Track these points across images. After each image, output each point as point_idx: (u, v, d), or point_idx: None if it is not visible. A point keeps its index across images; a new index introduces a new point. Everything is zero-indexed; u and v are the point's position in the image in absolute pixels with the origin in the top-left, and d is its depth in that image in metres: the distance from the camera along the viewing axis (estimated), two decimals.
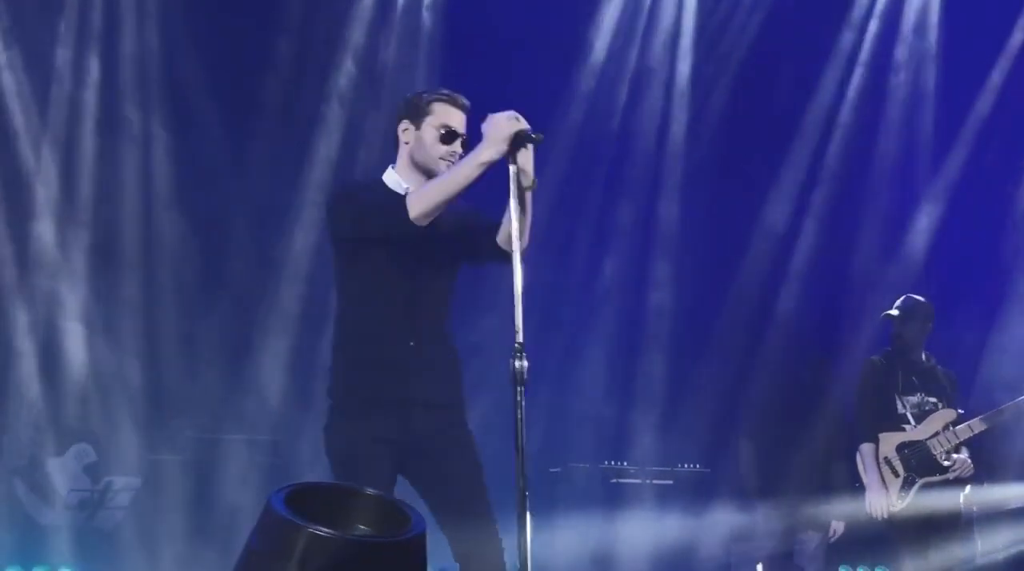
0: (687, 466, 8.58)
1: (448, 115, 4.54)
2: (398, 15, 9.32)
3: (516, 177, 4.08)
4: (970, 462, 7.20)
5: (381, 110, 8.84)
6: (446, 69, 9.03)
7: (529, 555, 3.73)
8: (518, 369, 3.83)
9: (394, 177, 4.59)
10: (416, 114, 4.56)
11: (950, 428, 7.21)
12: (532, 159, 4.14)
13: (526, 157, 4.12)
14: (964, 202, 9.31)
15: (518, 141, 4.11)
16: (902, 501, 7.19)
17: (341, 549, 2.77)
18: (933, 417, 7.25)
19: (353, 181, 4.90)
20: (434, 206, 4.28)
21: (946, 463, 7.17)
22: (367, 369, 4.49)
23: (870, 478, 7.21)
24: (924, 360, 7.40)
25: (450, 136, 4.51)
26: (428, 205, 4.27)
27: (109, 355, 8.51)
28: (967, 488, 7.26)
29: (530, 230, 4.31)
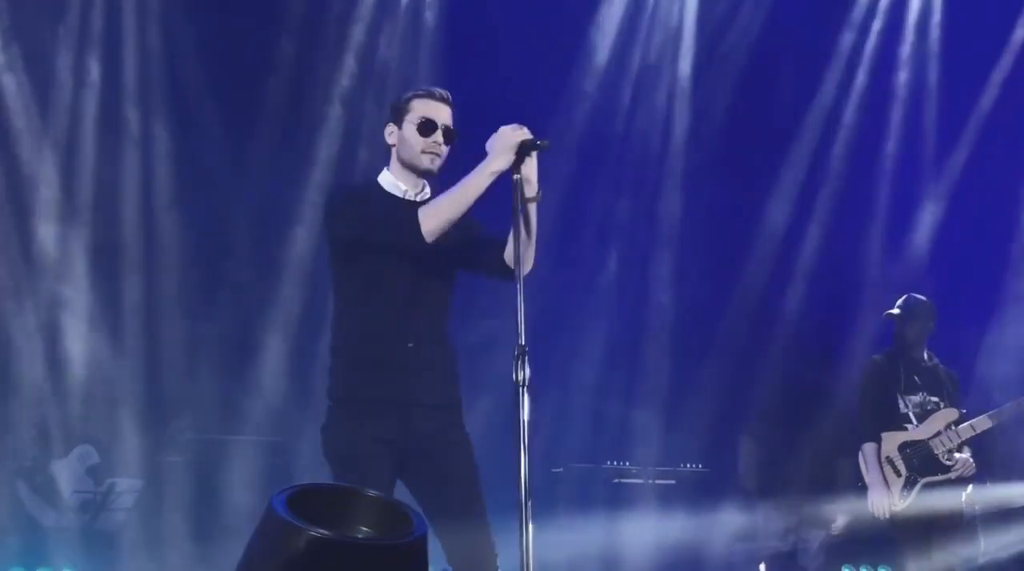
0: (689, 466, 8.58)
1: (426, 108, 4.57)
2: (400, 15, 9.31)
3: (520, 187, 4.13)
4: (972, 461, 7.19)
5: (383, 111, 8.82)
6: (448, 69, 9.03)
7: (531, 559, 3.73)
8: (521, 378, 3.87)
9: (389, 178, 4.63)
10: (398, 115, 4.62)
11: (952, 427, 7.20)
12: (536, 169, 4.20)
13: (530, 166, 4.19)
14: (967, 201, 9.31)
15: (524, 149, 4.17)
16: (904, 501, 7.17)
17: (342, 552, 2.77)
18: (935, 416, 7.24)
19: (350, 184, 4.91)
20: (446, 221, 4.31)
21: (948, 462, 7.16)
22: (366, 370, 4.49)
23: (872, 478, 7.20)
24: (926, 359, 7.39)
25: (428, 126, 4.53)
26: (440, 221, 4.31)
27: (111, 357, 8.52)
28: (969, 487, 7.25)
29: (535, 249, 4.38)
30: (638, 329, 9.35)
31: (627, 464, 8.58)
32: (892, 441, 7.23)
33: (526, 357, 3.89)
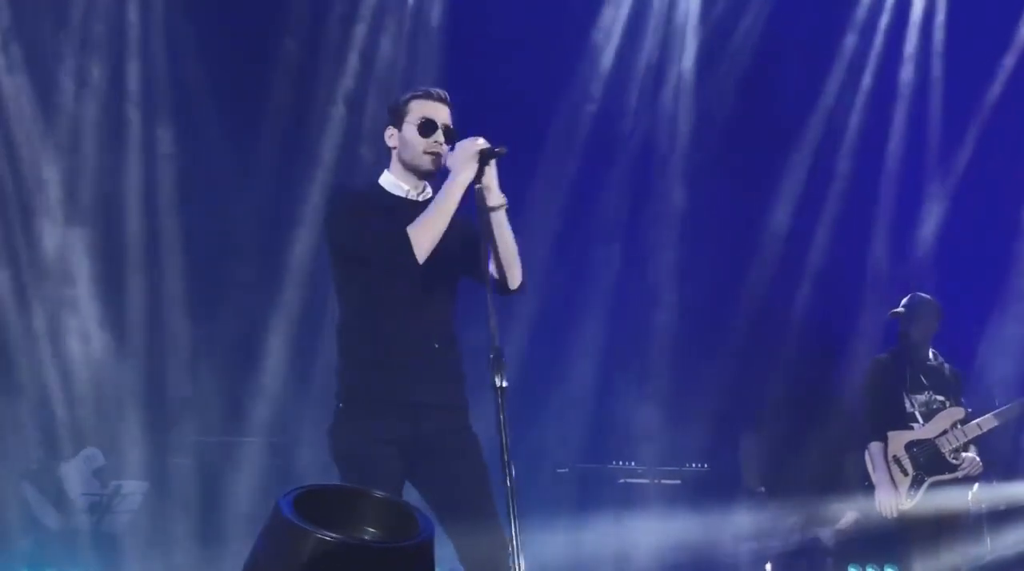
0: (695, 466, 8.57)
1: (424, 109, 4.58)
2: (404, 15, 9.30)
3: (482, 196, 4.31)
4: (979, 460, 7.18)
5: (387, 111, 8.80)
6: (452, 69, 9.02)
7: (520, 557, 3.78)
8: (497, 381, 3.97)
9: (390, 179, 4.64)
10: (397, 117, 4.63)
11: (958, 426, 7.18)
12: (495, 177, 4.34)
13: (490, 175, 4.34)
14: (970, 200, 9.29)
15: (483, 158, 4.31)
16: (911, 500, 7.16)
17: (349, 554, 2.77)
18: (941, 415, 7.22)
19: (350, 187, 4.89)
20: (431, 242, 4.38)
21: (955, 461, 7.15)
22: (373, 371, 4.49)
23: (879, 477, 7.18)
24: (931, 358, 7.38)
25: (428, 126, 4.55)
26: (429, 241, 4.37)
27: (117, 359, 8.52)
28: (975, 486, 7.25)
29: (516, 259, 4.47)
30: (643, 329, 9.34)
31: (632, 464, 8.57)
32: (898, 440, 7.22)
33: (501, 360, 3.98)
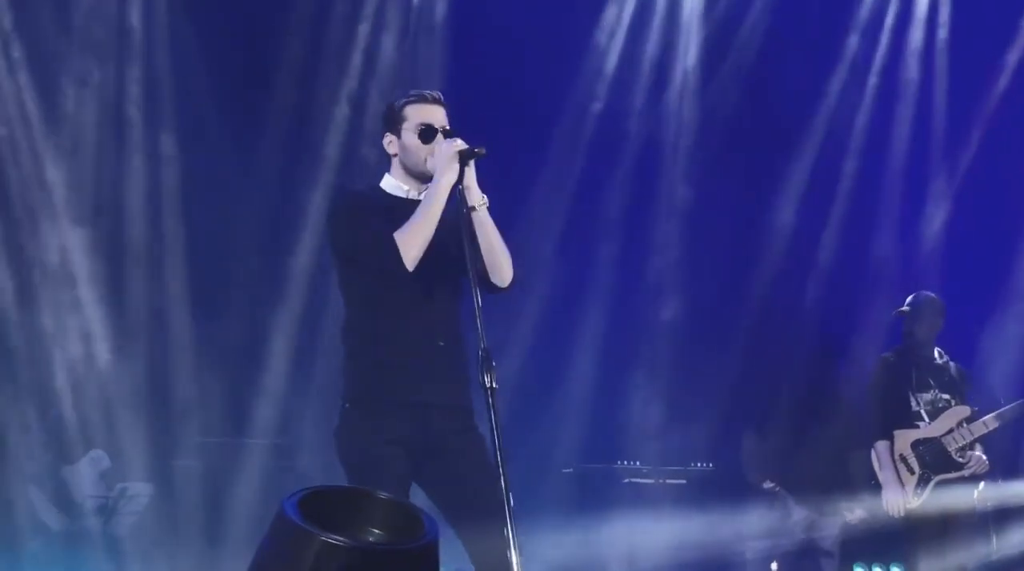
0: (700, 465, 8.57)
1: (421, 113, 4.57)
2: (408, 14, 9.28)
3: (463, 197, 4.34)
4: (985, 459, 7.17)
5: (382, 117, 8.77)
6: (456, 68, 9.00)
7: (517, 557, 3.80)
8: (487, 382, 3.97)
9: (392, 181, 4.65)
10: (393, 124, 4.61)
11: (964, 425, 7.18)
12: (475, 177, 4.38)
13: (470, 176, 4.37)
14: (975, 198, 9.26)
15: (463, 159, 4.34)
16: (918, 498, 7.16)
17: (353, 557, 2.76)
18: (947, 414, 7.22)
19: (351, 189, 4.90)
20: (422, 245, 4.39)
21: (961, 460, 7.14)
22: (379, 372, 4.49)
23: (886, 475, 7.18)
24: (937, 357, 7.37)
25: (428, 132, 4.54)
26: (417, 248, 4.38)
27: (121, 361, 8.52)
28: (981, 485, 7.24)
29: (507, 257, 4.49)
30: (648, 328, 9.33)
31: (637, 464, 8.56)
32: (905, 439, 7.22)
33: (490, 361, 3.98)
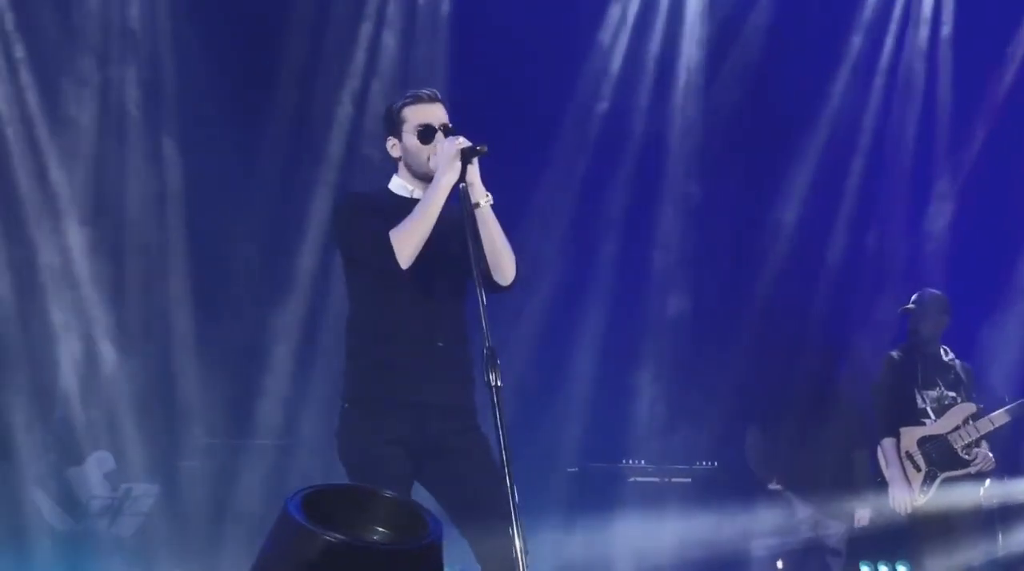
0: (705, 464, 8.56)
1: (419, 114, 4.56)
2: (413, 13, 9.28)
3: (467, 194, 4.33)
4: (991, 456, 7.17)
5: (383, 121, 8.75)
6: (460, 68, 8.99)
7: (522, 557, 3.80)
8: (492, 380, 3.97)
9: (398, 182, 4.65)
10: (394, 127, 4.61)
11: (970, 422, 7.18)
12: (478, 174, 4.37)
13: (474, 173, 4.36)
14: (980, 196, 9.25)
15: (465, 157, 4.33)
16: (924, 496, 7.16)
17: (356, 556, 2.76)
18: (953, 411, 7.22)
19: (357, 190, 4.92)
20: (417, 244, 4.38)
21: (967, 457, 7.14)
22: (379, 371, 4.50)
23: (892, 473, 7.18)
24: (942, 354, 7.37)
25: (427, 132, 4.53)
26: (412, 245, 4.37)
27: (126, 362, 8.52)
28: (988, 482, 7.23)
29: (510, 255, 4.49)
30: (651, 327, 9.32)
31: (642, 463, 8.56)
32: (911, 436, 7.22)
33: (495, 359, 3.98)
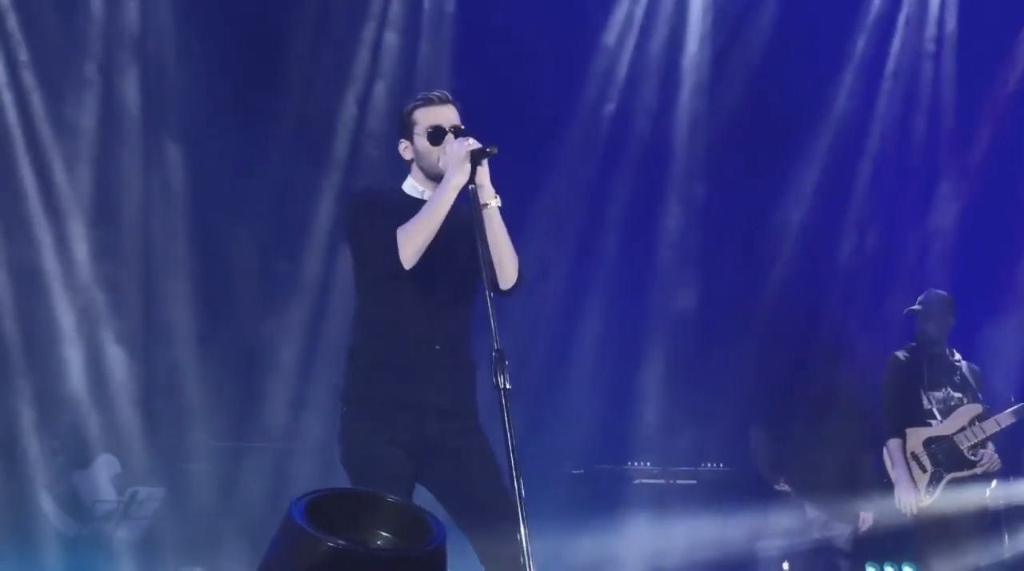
0: (711, 466, 8.55)
1: (430, 116, 4.57)
2: (420, 14, 9.28)
3: (476, 196, 4.32)
4: (997, 457, 7.16)
5: (398, 111, 8.74)
6: (465, 69, 8.99)
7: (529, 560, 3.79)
8: (500, 382, 3.95)
9: (411, 183, 4.65)
10: (406, 129, 4.62)
11: (976, 423, 7.16)
12: (488, 175, 4.37)
13: (483, 174, 4.36)
14: (986, 196, 9.23)
15: (475, 159, 4.33)
16: (930, 497, 7.15)
17: (360, 563, 2.75)
18: (959, 412, 7.20)
19: (373, 186, 4.92)
20: (421, 244, 4.38)
21: (973, 458, 7.12)
22: (379, 372, 4.49)
23: (898, 474, 7.16)
24: (948, 354, 7.36)
25: (437, 134, 4.54)
26: (416, 245, 4.37)
27: (131, 366, 8.52)
28: (994, 483, 7.22)
29: (514, 258, 4.47)
30: (656, 328, 9.31)
31: (648, 465, 8.55)
32: (917, 437, 7.20)
33: (503, 361, 3.96)
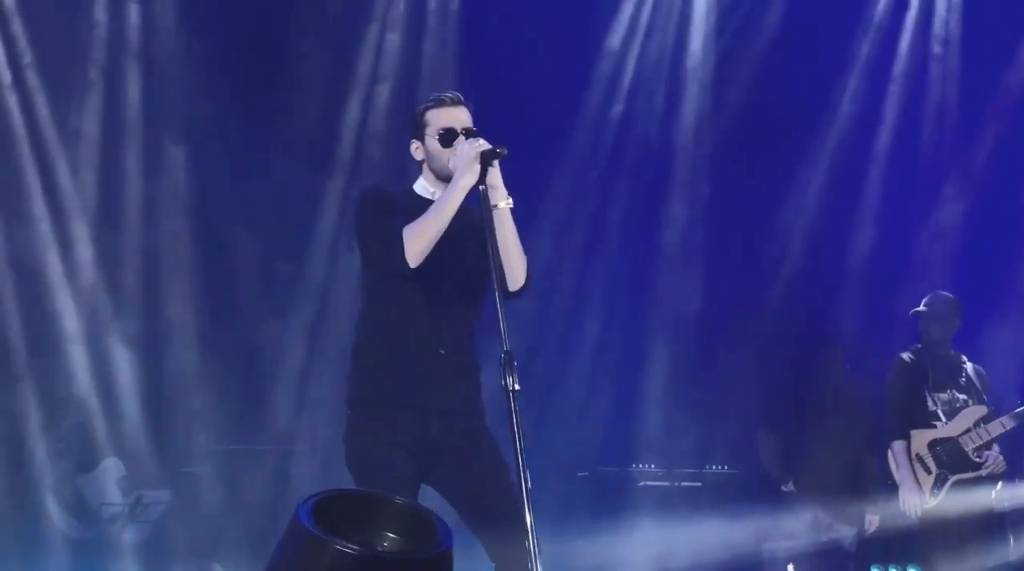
0: (715, 468, 8.55)
1: (441, 117, 4.56)
2: (427, 15, 9.28)
3: (486, 197, 4.29)
4: (1002, 459, 7.15)
5: (401, 114, 8.78)
6: (469, 69, 8.99)
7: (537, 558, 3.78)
8: (509, 384, 3.92)
9: (422, 184, 4.65)
10: (417, 130, 4.62)
11: (981, 425, 7.15)
12: (499, 176, 4.36)
13: (495, 175, 4.35)
14: (991, 197, 9.23)
15: (485, 160, 4.31)
16: (935, 498, 7.13)
17: (366, 565, 2.75)
18: (964, 413, 7.19)
19: (379, 188, 4.90)
20: (428, 243, 4.36)
21: (978, 460, 7.11)
22: (383, 373, 4.48)
23: (903, 475, 7.15)
24: (953, 356, 7.36)
25: (448, 136, 4.53)
26: (422, 244, 4.35)
27: (136, 369, 8.53)
28: (999, 485, 7.21)
29: (523, 259, 4.46)
30: (661, 331, 9.31)
31: (652, 467, 8.55)
32: (921, 439, 7.20)
33: (512, 363, 3.94)
